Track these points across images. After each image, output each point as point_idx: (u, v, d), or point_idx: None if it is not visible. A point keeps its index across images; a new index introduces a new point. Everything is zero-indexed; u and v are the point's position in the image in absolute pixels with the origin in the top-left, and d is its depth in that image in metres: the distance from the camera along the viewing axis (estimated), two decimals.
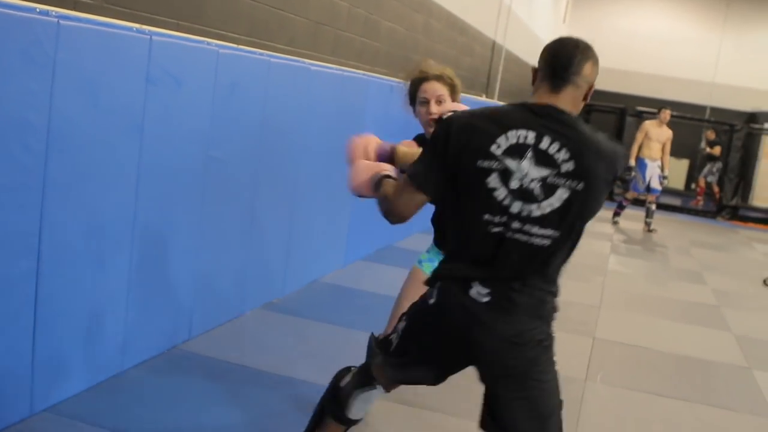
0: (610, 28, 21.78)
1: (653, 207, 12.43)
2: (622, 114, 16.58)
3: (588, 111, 17.39)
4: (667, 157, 12.18)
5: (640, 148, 12.10)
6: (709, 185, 17.63)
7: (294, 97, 5.37)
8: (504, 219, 2.32)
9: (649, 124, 12.28)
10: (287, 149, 5.42)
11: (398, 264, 7.17)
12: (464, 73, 11.05)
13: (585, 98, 2.48)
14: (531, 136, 2.32)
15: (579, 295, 6.99)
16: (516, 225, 2.32)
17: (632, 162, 12.04)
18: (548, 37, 18.67)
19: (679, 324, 6.74)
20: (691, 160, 20.70)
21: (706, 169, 17.91)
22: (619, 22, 21.92)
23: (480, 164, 2.32)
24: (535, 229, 2.31)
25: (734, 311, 7.47)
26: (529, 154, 2.30)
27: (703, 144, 18.07)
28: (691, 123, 18.77)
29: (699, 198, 17.82)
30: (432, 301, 2.45)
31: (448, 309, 2.40)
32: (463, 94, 3.54)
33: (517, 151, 2.31)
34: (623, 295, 7.52)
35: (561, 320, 2.52)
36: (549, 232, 2.32)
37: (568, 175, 2.30)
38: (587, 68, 2.46)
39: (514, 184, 2.31)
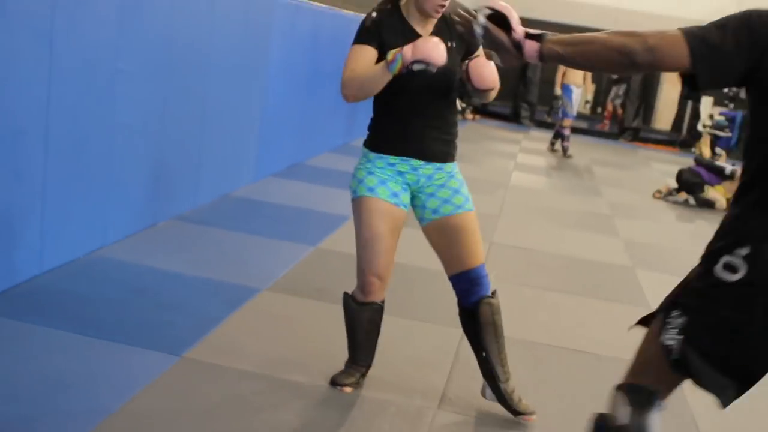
0: None
1: (567, 132, 12.62)
2: None
3: None
4: (589, 81, 12.44)
5: (564, 74, 12.26)
6: (614, 108, 18.24)
7: (200, 14, 5.50)
8: None
9: None
10: (195, 66, 5.56)
11: (307, 180, 7.45)
12: None
13: None
14: None
15: (479, 205, 7.36)
16: None
17: (558, 90, 12.25)
18: None
19: (572, 231, 7.19)
20: (596, 84, 21.28)
21: (612, 93, 18.47)
22: None
23: None
24: None
25: (625, 220, 7.98)
26: None
27: None
28: None
29: (606, 122, 18.43)
30: (739, 276, 1.95)
31: None
32: None
33: None
34: (522, 207, 7.94)
35: None
36: None
37: None
38: None
39: None
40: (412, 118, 3.11)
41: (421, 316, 4.38)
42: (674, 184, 9.90)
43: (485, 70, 3.00)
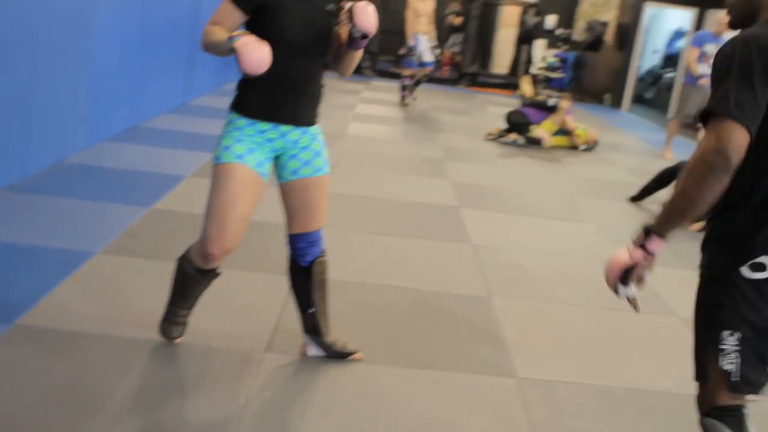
0: None
1: (423, 81, 12.82)
2: None
3: None
4: (433, 28, 12.61)
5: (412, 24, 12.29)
6: (452, 55, 18.76)
7: None
8: None
9: (415, 0, 12.35)
10: (18, 34, 5.50)
11: (143, 142, 7.48)
12: None
13: None
14: None
15: None
16: None
17: (410, 41, 12.23)
18: None
19: (404, 176, 7.53)
20: (437, 32, 21.69)
21: (450, 40, 18.97)
22: None
23: None
24: None
25: (455, 163, 8.39)
26: None
27: (449, 14, 19.03)
28: None
29: (446, 68, 18.93)
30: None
31: None
32: None
33: None
34: (358, 156, 8.21)
35: None
36: None
37: None
38: None
39: None
40: (287, 83, 3.05)
41: (249, 266, 4.58)
42: (505, 126, 10.42)
43: (371, 15, 2.98)
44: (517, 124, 10.26)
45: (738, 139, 2.04)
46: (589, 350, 4.07)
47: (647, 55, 20.17)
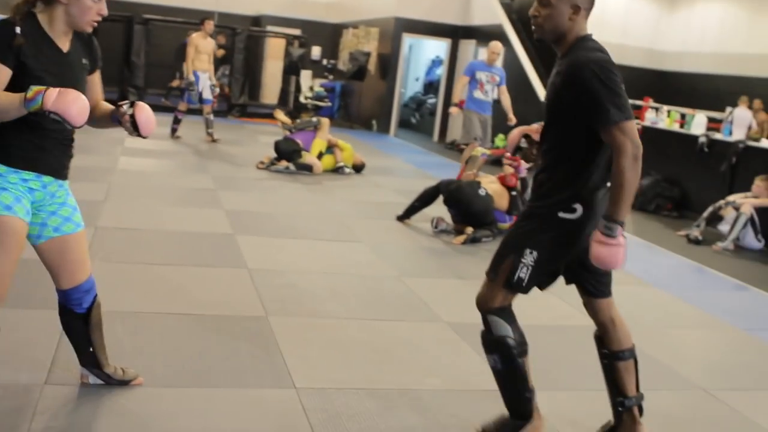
0: None
1: (211, 117, 12.85)
2: (129, 22, 16.81)
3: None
4: (212, 66, 12.78)
5: (192, 61, 12.40)
6: (221, 87, 18.84)
7: None
8: None
9: (196, 37, 12.55)
10: None
11: None
12: None
13: None
14: None
15: (85, 194, 7.50)
16: None
17: (191, 77, 12.36)
18: None
19: (177, 208, 7.57)
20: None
21: (219, 72, 19.04)
22: None
23: None
24: None
25: (228, 192, 8.52)
26: None
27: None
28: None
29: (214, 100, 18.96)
30: (577, 215, 3.14)
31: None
32: None
33: None
34: (129, 190, 8.15)
35: None
36: None
37: None
38: None
39: None
40: (47, 133, 2.96)
41: (20, 303, 4.46)
42: (274, 154, 10.67)
43: (151, 121, 3.06)
44: (288, 151, 10.54)
45: (636, 130, 2.99)
46: (361, 358, 4.33)
47: (410, 83, 21.18)
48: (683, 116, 12.68)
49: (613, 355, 3.41)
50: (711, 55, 18.74)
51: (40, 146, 2.95)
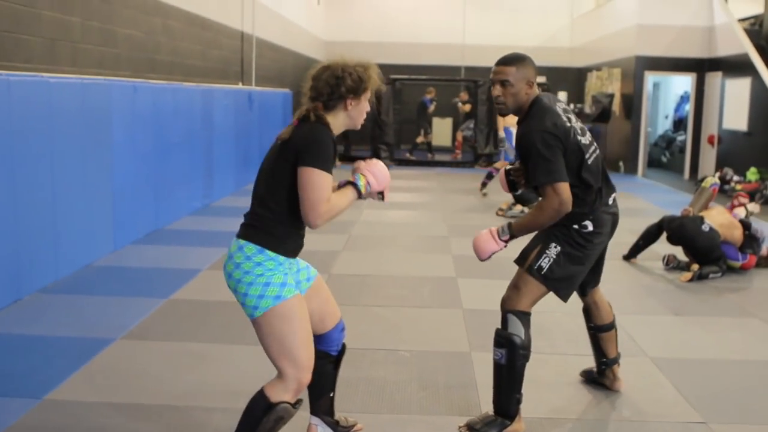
0: (362, 5, 23.28)
1: (495, 172, 12.47)
2: None
3: None
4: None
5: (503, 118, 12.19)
6: (466, 139, 19.49)
7: (35, 107, 6.15)
8: None
9: None
10: (36, 153, 6.18)
11: (164, 243, 8.10)
12: (215, 65, 11.99)
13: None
14: None
15: (324, 245, 8.20)
16: None
17: (501, 133, 12.26)
18: (305, 20, 19.89)
19: (408, 254, 8.06)
20: (453, 118, 22.49)
21: (464, 125, 19.72)
22: None
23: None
24: None
25: (459, 238, 8.89)
26: None
27: (458, 102, 19.80)
28: (448, 84, 20.61)
29: (457, 151, 19.66)
30: (589, 229, 3.86)
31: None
32: (218, 85, 3.94)
33: None
34: (366, 239, 8.76)
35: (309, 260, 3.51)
36: None
37: None
38: None
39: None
40: (301, 230, 3.28)
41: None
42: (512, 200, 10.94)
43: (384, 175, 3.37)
44: (525, 196, 10.75)
45: (569, 192, 3.66)
46: (548, 390, 4.48)
47: (660, 121, 20.71)
48: None
49: (597, 328, 4.39)
50: None
51: (301, 240, 3.29)
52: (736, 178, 14.47)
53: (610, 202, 3.94)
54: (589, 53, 21.07)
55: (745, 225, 7.66)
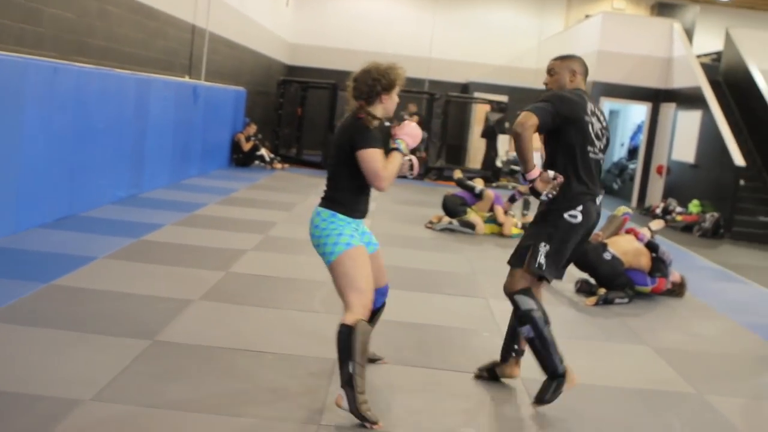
0: (332, 10, 23.21)
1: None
2: (334, 89, 17.71)
3: (304, 88, 18.58)
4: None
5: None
6: (412, 151, 19.36)
7: None
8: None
9: None
10: None
11: (74, 229, 7.91)
12: (159, 55, 11.83)
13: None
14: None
15: (236, 243, 8.04)
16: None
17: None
18: (271, 20, 19.73)
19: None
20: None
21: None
22: (341, 4, 23.34)
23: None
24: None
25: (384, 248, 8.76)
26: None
27: (404, 115, 19.62)
28: (412, 96, 20.51)
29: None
30: (578, 220, 4.41)
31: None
32: (163, 76, 4.05)
33: None
34: (284, 242, 8.62)
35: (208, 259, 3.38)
36: None
37: None
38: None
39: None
40: (368, 194, 4.35)
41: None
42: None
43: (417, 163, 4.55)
44: (452, 206, 10.68)
45: (531, 121, 4.24)
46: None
47: (615, 148, 20.76)
48: None
49: None
50: None
51: (365, 204, 4.37)
52: (678, 209, 14.51)
53: (598, 202, 4.53)
54: None
55: (653, 248, 7.62)
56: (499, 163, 18.53)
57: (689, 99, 15.70)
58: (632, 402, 4.82)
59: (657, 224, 8.17)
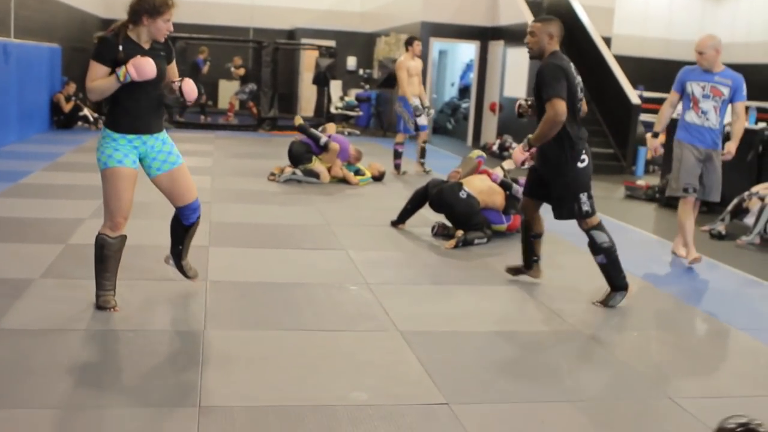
0: None
1: (426, 146, 12.00)
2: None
3: None
4: (422, 87, 11.79)
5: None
6: (242, 103, 18.88)
7: None
8: None
9: (405, 59, 11.54)
10: None
11: None
12: None
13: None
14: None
15: (70, 212, 7.45)
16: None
17: (414, 101, 11.47)
18: None
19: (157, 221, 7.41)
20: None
21: (239, 90, 18.96)
22: None
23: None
24: None
25: (222, 204, 8.34)
26: None
27: (230, 67, 18.97)
28: (236, 45, 19.81)
29: (230, 114, 18.86)
30: (586, 163, 5.33)
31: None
32: None
33: None
34: None
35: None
36: None
37: None
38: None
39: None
40: (141, 105, 4.58)
41: None
42: (286, 163, 10.49)
43: (194, 90, 4.66)
44: (298, 154, 10.31)
45: (564, 107, 5.07)
46: (286, 373, 4.08)
47: (446, 88, 20.88)
48: None
49: (535, 235, 5.83)
50: (760, 45, 18.05)
51: (137, 116, 4.58)
52: (514, 145, 14.71)
53: (587, 146, 5.40)
54: (378, 18, 20.89)
55: (506, 186, 7.59)
56: (333, 109, 18.23)
57: (517, 36, 15.86)
58: (510, 344, 4.71)
59: (509, 164, 8.13)
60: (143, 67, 4.37)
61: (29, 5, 14.00)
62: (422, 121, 11.64)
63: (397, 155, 11.73)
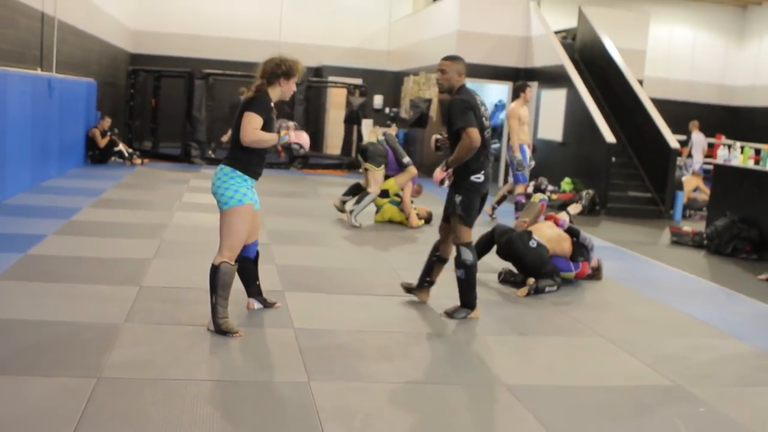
0: None
1: (524, 199, 11.17)
2: (190, 77, 16.89)
3: (157, 77, 17.60)
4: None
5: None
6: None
7: None
8: None
9: (516, 106, 11.15)
10: None
11: None
12: (11, 47, 10.78)
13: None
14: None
15: (136, 251, 7.37)
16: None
17: (518, 154, 11.08)
18: (114, 6, 18.49)
19: None
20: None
21: (277, 125, 18.92)
22: None
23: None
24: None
25: (281, 247, 8.25)
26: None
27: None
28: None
29: (280, 151, 18.82)
30: (481, 180, 5.86)
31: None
32: (14, 69, 3.57)
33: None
34: (179, 246, 7.97)
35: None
36: None
37: None
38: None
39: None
40: (264, 157, 5.33)
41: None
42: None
43: (306, 140, 5.48)
44: (373, 153, 10.22)
45: (478, 135, 5.65)
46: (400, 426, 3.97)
47: None
48: (758, 152, 11.98)
49: (439, 258, 6.22)
50: None
51: (259, 164, 5.31)
52: (551, 188, 14.65)
53: (489, 168, 5.96)
54: (407, 57, 20.92)
55: (573, 233, 7.52)
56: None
57: (552, 77, 15.88)
58: (623, 401, 4.59)
59: (575, 208, 8.06)
60: (304, 140, 5.36)
61: (69, 41, 14.03)
62: (525, 174, 11.33)
63: (519, 208, 11.16)
